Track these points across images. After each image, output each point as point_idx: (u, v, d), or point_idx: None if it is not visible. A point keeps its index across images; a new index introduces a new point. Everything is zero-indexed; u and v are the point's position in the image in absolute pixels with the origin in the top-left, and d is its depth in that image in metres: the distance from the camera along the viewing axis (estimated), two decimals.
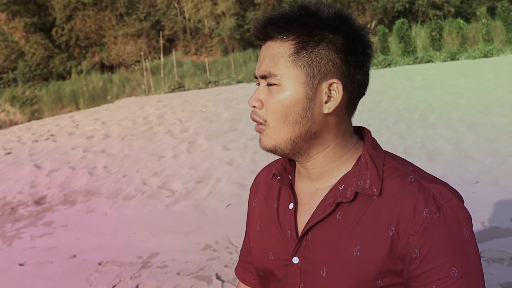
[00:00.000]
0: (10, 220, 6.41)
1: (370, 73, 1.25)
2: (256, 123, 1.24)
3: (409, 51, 24.80)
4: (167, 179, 7.49)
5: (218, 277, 4.20)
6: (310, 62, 1.15)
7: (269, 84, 1.20)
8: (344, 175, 1.22)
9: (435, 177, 1.19)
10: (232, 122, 11.20)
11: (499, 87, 12.55)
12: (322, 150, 1.22)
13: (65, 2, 36.72)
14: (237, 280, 4.23)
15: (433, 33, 25.36)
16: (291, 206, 1.29)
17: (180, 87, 22.38)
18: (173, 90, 21.90)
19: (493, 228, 4.60)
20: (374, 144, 1.25)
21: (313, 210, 1.23)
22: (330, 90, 1.17)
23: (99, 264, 4.72)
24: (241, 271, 1.59)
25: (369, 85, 1.26)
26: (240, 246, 4.85)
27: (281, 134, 1.19)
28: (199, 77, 27.56)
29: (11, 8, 35.85)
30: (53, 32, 37.18)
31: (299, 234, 1.25)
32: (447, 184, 1.17)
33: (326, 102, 1.18)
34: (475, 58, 20.70)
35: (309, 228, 1.22)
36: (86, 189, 7.44)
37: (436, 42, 25.29)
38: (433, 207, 1.09)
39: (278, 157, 1.31)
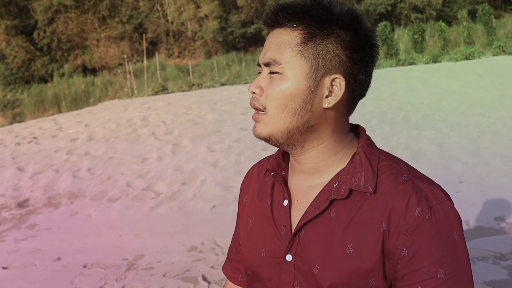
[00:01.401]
0: None
1: (373, 75, 1.24)
2: (254, 111, 1.23)
3: (391, 53, 24.99)
4: (152, 181, 7.45)
5: (204, 278, 4.19)
6: (316, 54, 1.15)
7: (272, 72, 1.18)
8: (339, 172, 1.21)
9: (429, 178, 1.19)
10: (216, 124, 11.18)
11: (481, 88, 12.68)
12: (317, 145, 1.21)
13: (46, 5, 36.48)
14: (224, 282, 4.23)
15: (415, 36, 25.60)
16: (285, 202, 1.27)
17: (164, 89, 22.31)
18: (156, 93, 21.83)
19: (477, 227, 4.64)
20: (369, 141, 1.24)
21: (307, 207, 1.22)
22: (332, 85, 1.16)
23: (84, 266, 4.68)
24: (229, 269, 1.56)
25: None
26: (226, 247, 4.84)
27: (278, 123, 1.18)
28: (183, 79, 27.52)
29: None
30: (35, 34, 36.92)
31: (293, 231, 1.23)
32: (440, 186, 1.16)
33: (327, 97, 1.17)
34: (457, 60, 20.91)
35: (302, 225, 1.20)
36: (70, 191, 7.37)
37: (418, 45, 25.52)
38: (425, 207, 1.08)
39: (265, 156, 1.29)
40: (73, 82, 33.50)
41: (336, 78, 1.16)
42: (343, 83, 1.16)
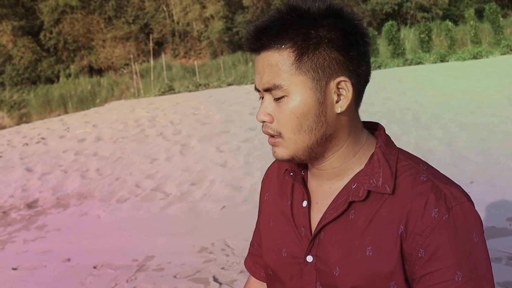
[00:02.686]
0: (2, 224, 6.33)
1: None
2: (269, 136, 1.21)
3: (398, 53, 24.91)
4: (161, 181, 7.44)
5: (215, 280, 4.17)
6: (313, 66, 1.12)
7: (277, 98, 1.15)
8: (357, 173, 1.20)
9: (449, 178, 1.17)
10: (224, 124, 11.17)
11: (490, 87, 12.61)
12: (336, 151, 1.20)
13: (53, 6, 36.61)
14: (235, 282, 4.21)
15: (422, 35, 25.51)
16: (304, 203, 1.26)
17: (170, 90, 22.32)
18: (163, 93, 21.84)
19: (490, 227, 4.60)
20: (387, 141, 1.22)
21: (326, 209, 1.21)
22: (338, 89, 1.14)
23: (94, 267, 4.67)
24: (251, 264, 1.57)
25: None
26: (236, 248, 4.82)
27: (297, 144, 1.16)
28: (189, 80, 27.54)
29: None
30: (41, 35, 37.06)
31: (313, 232, 1.22)
32: (461, 187, 1.14)
33: (337, 102, 1.15)
34: (464, 59, 20.81)
35: (321, 227, 1.19)
36: (79, 192, 7.37)
37: (425, 44, 25.44)
38: (443, 208, 1.07)
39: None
40: (79, 82, 33.61)
41: (341, 81, 1.14)
42: (349, 84, 1.14)
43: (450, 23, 25.82)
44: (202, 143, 9.62)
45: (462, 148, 7.46)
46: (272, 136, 1.19)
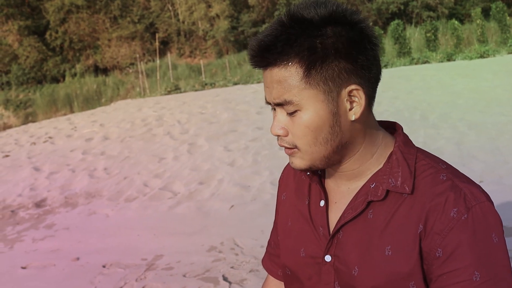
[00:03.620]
0: (10, 223, 6.34)
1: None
2: (285, 147, 1.20)
3: (404, 52, 24.85)
4: (169, 180, 7.44)
5: (225, 279, 4.17)
6: (323, 78, 1.09)
7: (290, 112, 1.13)
8: (376, 172, 1.19)
9: (469, 178, 1.15)
10: (231, 123, 11.16)
11: (498, 86, 12.57)
12: (353, 155, 1.19)
13: (58, 5, 36.63)
14: (244, 281, 4.20)
15: (428, 34, 25.43)
16: (322, 203, 1.26)
17: (176, 89, 22.33)
18: (169, 92, 21.85)
19: None
20: (406, 140, 1.21)
21: (344, 209, 1.20)
22: (350, 96, 1.12)
23: (103, 266, 4.67)
24: (269, 264, 1.55)
25: None
26: (245, 247, 4.81)
27: (314, 155, 1.15)
28: (194, 79, 27.53)
29: (5, 11, 35.73)
30: (47, 35, 37.09)
31: (331, 232, 1.21)
32: (480, 187, 1.13)
33: (350, 109, 1.13)
34: (471, 58, 20.74)
35: (340, 227, 1.19)
36: (87, 191, 7.38)
37: (431, 43, 25.36)
38: (462, 207, 1.06)
39: (282, 155, 1.26)
40: (85, 82, 33.59)
41: (352, 89, 1.11)
42: (361, 91, 1.12)
43: (456, 22, 25.73)
44: (210, 142, 9.62)
45: (470, 147, 7.44)
46: (288, 148, 1.18)
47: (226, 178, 7.19)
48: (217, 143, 9.44)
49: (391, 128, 1.28)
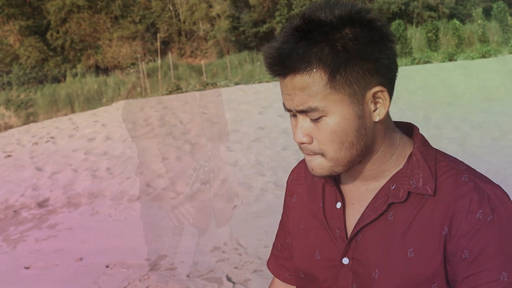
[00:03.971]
0: (13, 223, 6.33)
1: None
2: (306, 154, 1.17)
3: (405, 52, 24.83)
4: (172, 180, 7.42)
5: (228, 279, 4.16)
6: (348, 82, 1.06)
7: (314, 119, 1.10)
8: (395, 173, 1.17)
9: (488, 178, 1.14)
10: (234, 124, 11.14)
11: (500, 87, 12.56)
12: (373, 156, 1.17)
13: (59, 5, 36.63)
14: (248, 282, 4.19)
15: (429, 34, 25.42)
16: (338, 205, 1.23)
17: (178, 89, 22.30)
18: (170, 92, 21.82)
19: None
20: (424, 141, 1.20)
21: (363, 210, 1.18)
22: (375, 98, 1.10)
23: (107, 266, 4.66)
24: (275, 267, 1.52)
25: None
26: (249, 247, 4.80)
27: (339, 161, 1.13)
28: (195, 79, 27.49)
29: (6, 11, 35.71)
30: (48, 35, 37.07)
31: (348, 234, 1.19)
32: (500, 186, 1.12)
33: (374, 110, 1.11)
34: (473, 58, 20.70)
35: (360, 229, 1.17)
36: (90, 191, 7.37)
37: (432, 43, 25.35)
38: (487, 208, 1.05)
39: (285, 155, 1.24)
40: (86, 82, 33.54)
41: (377, 91, 1.09)
42: (385, 92, 1.10)
43: (457, 22, 25.72)
44: (212, 142, 9.61)
45: (474, 147, 7.43)
46: (313, 155, 1.16)
47: (229, 178, 7.17)
48: (219, 143, 9.43)
49: (405, 128, 1.26)
